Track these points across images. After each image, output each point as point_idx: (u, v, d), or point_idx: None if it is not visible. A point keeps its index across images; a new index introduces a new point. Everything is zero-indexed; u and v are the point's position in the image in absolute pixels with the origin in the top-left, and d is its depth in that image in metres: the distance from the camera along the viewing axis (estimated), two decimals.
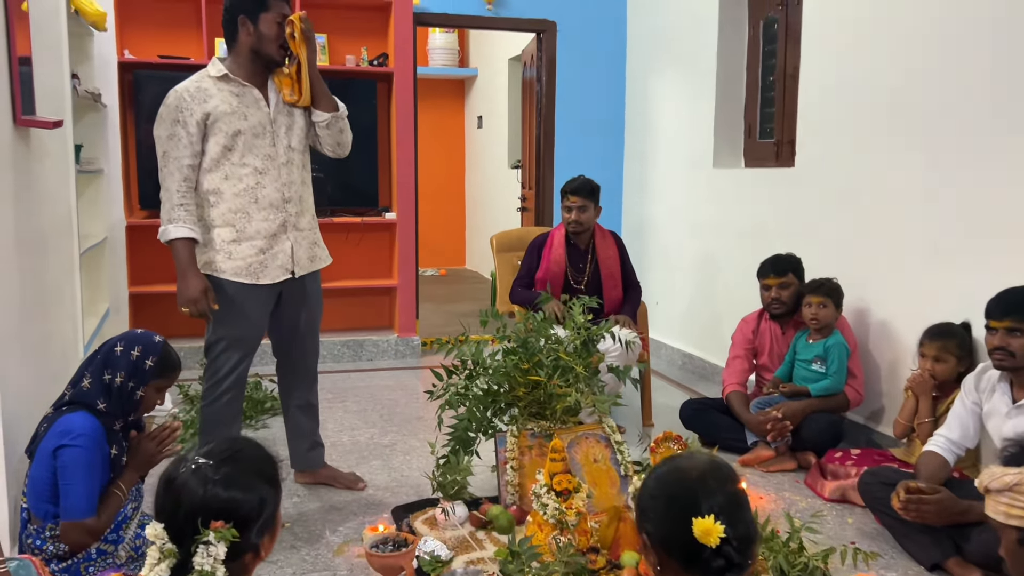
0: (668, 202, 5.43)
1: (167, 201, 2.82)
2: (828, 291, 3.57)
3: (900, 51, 3.54)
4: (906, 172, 3.51)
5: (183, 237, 2.81)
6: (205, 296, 2.83)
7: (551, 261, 4.04)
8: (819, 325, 3.57)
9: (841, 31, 3.88)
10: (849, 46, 3.84)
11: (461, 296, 8.08)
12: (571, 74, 5.89)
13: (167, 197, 2.82)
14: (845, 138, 3.87)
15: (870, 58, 3.71)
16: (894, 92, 3.57)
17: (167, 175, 2.82)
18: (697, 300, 5.12)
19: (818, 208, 4.05)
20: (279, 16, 2.89)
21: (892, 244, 3.61)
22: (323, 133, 3.07)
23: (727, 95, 4.89)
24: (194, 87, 2.85)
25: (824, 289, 3.57)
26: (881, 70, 3.63)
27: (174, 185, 2.81)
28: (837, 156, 3.92)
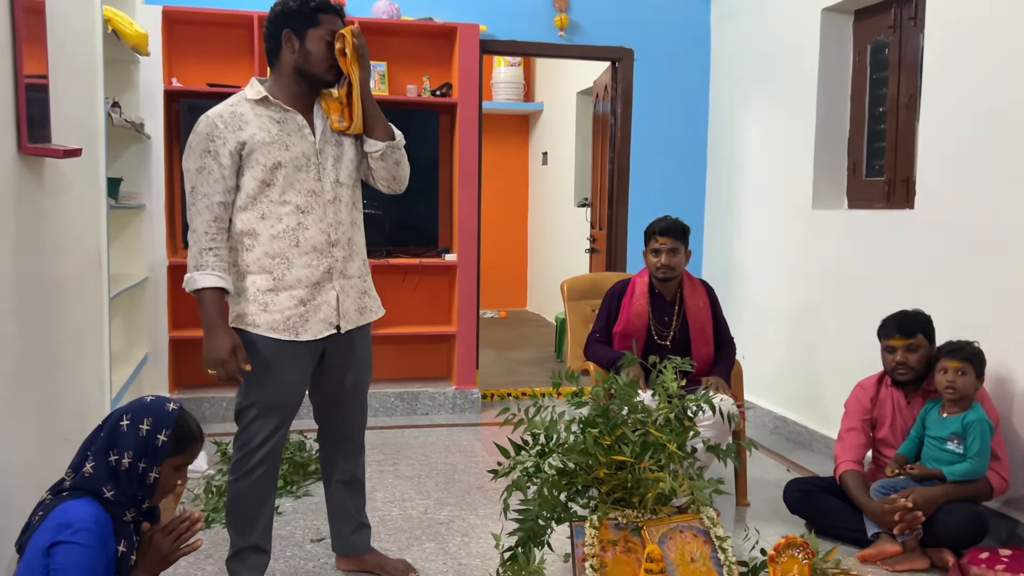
0: (759, 245, 4.89)
1: (195, 244, 2.43)
2: (968, 356, 3.00)
3: None
4: None
5: (211, 287, 2.41)
6: (234, 356, 2.41)
7: (632, 313, 3.54)
8: (956, 396, 3.00)
9: (970, 55, 3.35)
10: (980, 72, 3.30)
11: (523, 342, 7.60)
12: (648, 105, 5.42)
13: (195, 239, 2.43)
14: (979, 176, 3.31)
15: (1007, 84, 3.16)
16: None
17: (195, 214, 2.43)
18: (793, 356, 4.55)
19: (945, 257, 3.49)
20: (328, 32, 2.49)
21: None
22: (377, 165, 2.64)
23: (829, 128, 4.37)
24: (228, 112, 2.45)
25: (964, 354, 3.00)
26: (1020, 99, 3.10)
27: (203, 226, 2.42)
28: (969, 197, 3.37)
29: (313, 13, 2.48)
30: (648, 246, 3.55)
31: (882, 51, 4.16)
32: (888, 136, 4.08)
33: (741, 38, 5.11)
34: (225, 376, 2.43)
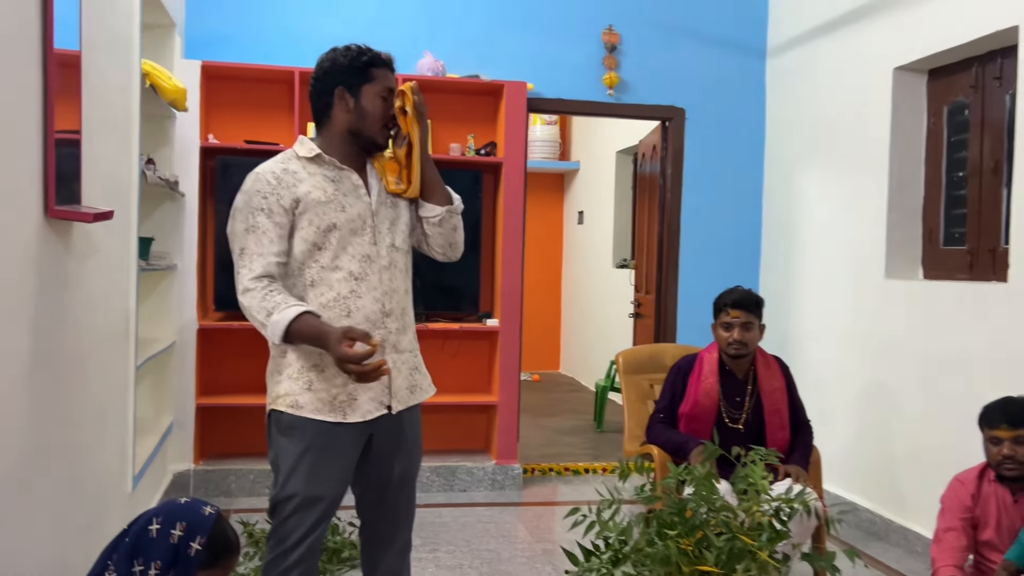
0: (823, 316, 4.59)
1: (252, 301, 2.09)
2: None
3: None
4: None
5: (297, 316, 2.06)
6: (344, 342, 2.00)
7: (700, 392, 3.24)
8: None
9: None
10: None
11: (559, 407, 7.28)
12: (699, 167, 5.19)
13: (251, 297, 2.10)
14: None
15: None
16: None
17: (245, 276, 2.12)
18: (864, 438, 4.21)
19: None
20: (384, 88, 2.26)
21: None
22: (433, 231, 2.40)
23: (902, 193, 4.09)
24: (279, 168, 2.21)
25: None
26: None
27: (253, 282, 2.11)
28: None
29: (366, 68, 2.26)
30: (718, 319, 3.27)
31: (961, 112, 3.90)
32: (970, 203, 3.80)
33: (799, 98, 4.88)
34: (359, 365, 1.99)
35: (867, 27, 4.24)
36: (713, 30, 5.16)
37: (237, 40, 4.67)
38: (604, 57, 5.03)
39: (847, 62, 4.41)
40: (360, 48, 2.26)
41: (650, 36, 5.10)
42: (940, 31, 3.75)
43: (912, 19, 3.92)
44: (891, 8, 4.05)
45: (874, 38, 4.18)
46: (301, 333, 2.08)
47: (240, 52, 4.63)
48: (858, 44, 4.31)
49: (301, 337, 2.08)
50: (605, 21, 5.04)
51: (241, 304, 2.14)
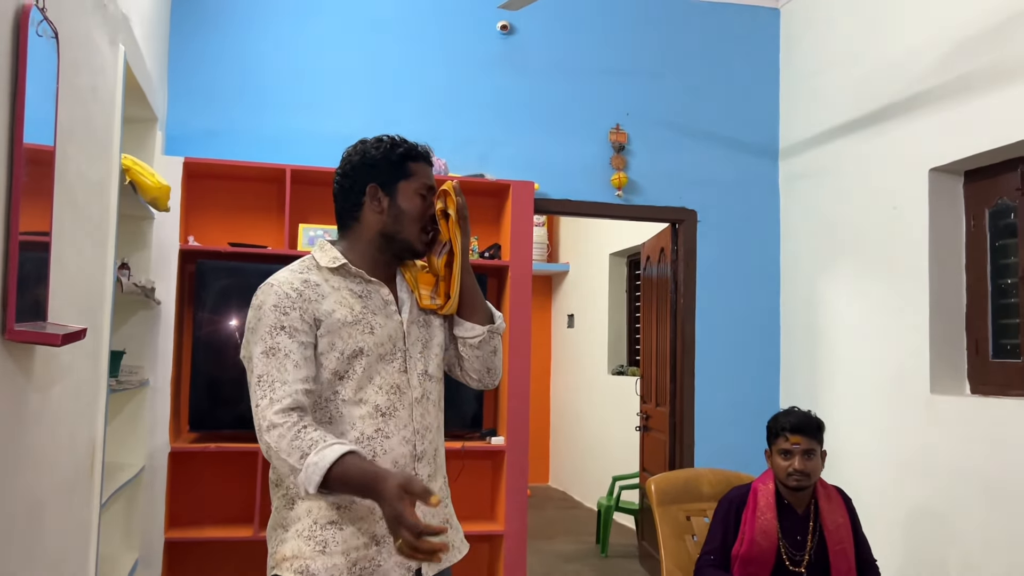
0: (859, 433, 4.22)
1: (280, 441, 1.66)
2: None
3: None
4: None
5: (340, 456, 1.62)
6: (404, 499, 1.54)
7: (757, 531, 2.83)
8: None
9: None
10: None
11: (555, 527, 6.76)
12: (710, 271, 4.91)
13: (276, 436, 1.67)
14: None
15: None
16: None
17: (268, 408, 1.70)
18: (915, 570, 3.79)
19: None
20: (423, 186, 1.92)
21: None
22: (470, 354, 2.02)
23: (943, 301, 3.81)
24: (299, 280, 1.83)
25: None
26: None
27: (281, 417, 1.69)
28: None
29: (402, 162, 1.92)
30: (775, 445, 2.89)
31: (1006, 215, 3.66)
32: (1021, 312, 3.51)
33: (818, 199, 4.65)
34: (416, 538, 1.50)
35: (896, 127, 4.03)
36: (722, 131, 4.97)
37: (222, 136, 4.36)
38: (612, 157, 4.79)
39: (874, 163, 4.19)
40: (394, 139, 1.92)
41: (658, 136, 4.88)
42: (978, 131, 3.54)
43: (946, 118, 3.72)
44: (923, 107, 3.86)
45: (905, 138, 3.97)
46: (346, 478, 1.62)
47: (225, 149, 4.32)
48: (887, 144, 4.10)
49: (345, 484, 1.63)
50: (612, 120, 4.82)
51: (264, 443, 1.71)
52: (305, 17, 4.52)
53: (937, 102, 3.78)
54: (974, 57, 3.58)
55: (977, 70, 3.55)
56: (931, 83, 3.81)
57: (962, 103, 3.63)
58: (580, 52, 4.82)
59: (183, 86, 4.33)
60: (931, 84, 3.81)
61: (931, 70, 3.82)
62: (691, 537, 3.27)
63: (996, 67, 3.46)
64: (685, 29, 4.96)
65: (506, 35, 4.73)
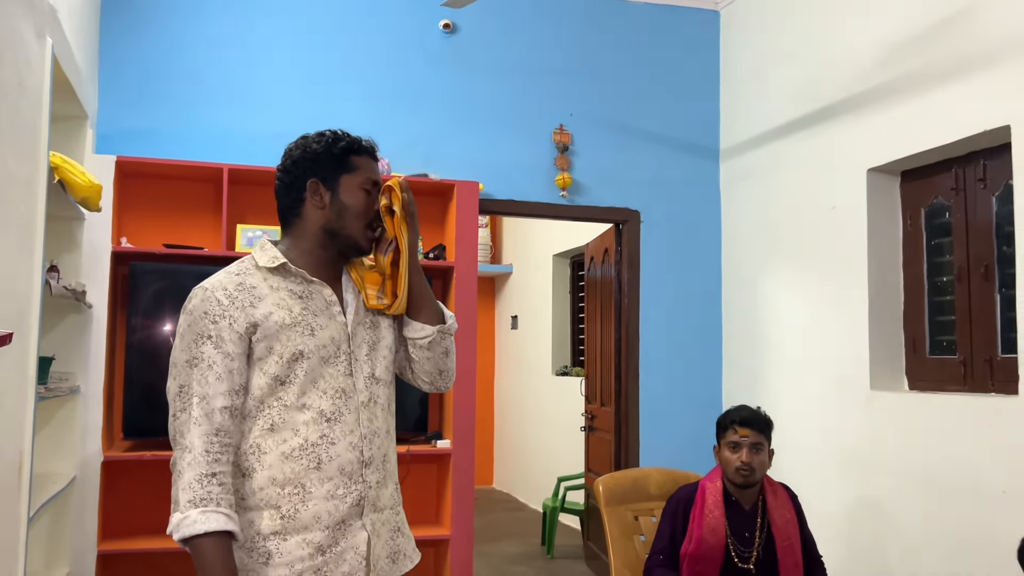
0: (800, 430, 4.27)
1: (188, 468, 1.65)
2: None
3: None
4: None
5: (217, 531, 1.62)
6: None
7: (705, 529, 2.84)
8: None
9: None
10: None
11: (501, 530, 6.73)
12: (654, 271, 4.93)
13: (189, 461, 1.65)
14: None
15: None
16: None
17: (188, 424, 1.68)
18: (858, 567, 3.84)
19: None
20: (367, 180, 1.87)
21: None
22: (421, 355, 1.98)
23: (882, 300, 3.88)
24: (234, 284, 1.77)
25: None
26: None
27: (199, 441, 1.66)
28: None
29: (345, 156, 1.86)
30: (724, 439, 2.90)
31: (941, 214, 3.75)
32: (958, 309, 3.60)
33: (758, 200, 4.70)
34: None
35: (835, 128, 4.10)
36: (665, 131, 5.00)
37: (156, 135, 4.22)
38: (556, 158, 4.78)
39: (814, 163, 4.26)
40: (337, 133, 1.87)
41: (601, 136, 4.89)
42: (915, 132, 3.62)
43: (884, 120, 3.79)
44: (861, 109, 3.93)
45: (844, 139, 4.04)
46: (206, 554, 1.61)
47: (159, 147, 4.18)
48: (825, 145, 4.17)
49: (203, 558, 1.61)
50: (556, 121, 4.81)
51: (173, 459, 1.69)
52: (242, 12, 4.40)
53: (875, 103, 3.85)
54: (910, 59, 3.65)
55: (913, 72, 3.63)
56: (869, 85, 3.89)
57: (899, 104, 3.71)
58: (523, 52, 4.80)
59: (114, 82, 4.19)
60: (869, 86, 3.89)
61: (869, 72, 3.89)
62: (639, 537, 3.27)
63: (931, 69, 3.54)
64: (627, 30, 4.97)
65: (449, 34, 4.68)
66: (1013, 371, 3.17)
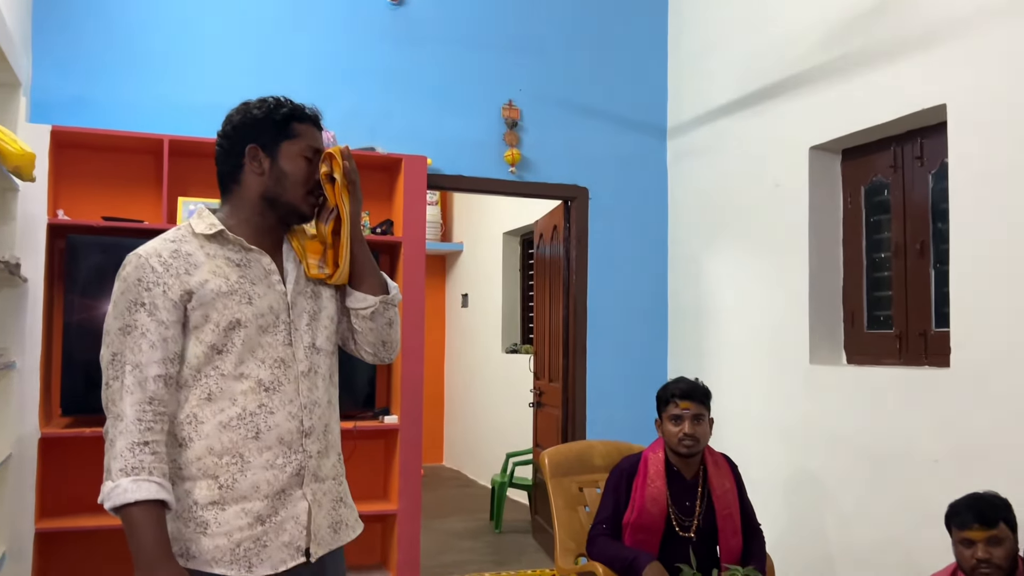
0: (742, 403, 4.35)
1: (121, 436, 1.63)
2: None
3: None
4: None
5: (149, 500, 1.61)
6: None
7: (647, 498, 2.88)
8: None
9: (1008, 196, 2.99)
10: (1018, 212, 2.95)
11: (450, 506, 6.75)
12: (603, 249, 4.96)
13: (121, 430, 1.64)
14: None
15: None
16: None
17: (121, 393, 1.66)
18: (796, 535, 3.95)
19: (996, 425, 3.02)
20: (308, 148, 1.85)
21: None
22: (364, 326, 1.96)
23: (822, 275, 3.96)
24: (169, 250, 1.74)
25: None
26: None
27: (132, 409, 1.65)
28: (1019, 355, 2.94)
29: (286, 122, 1.84)
30: (665, 412, 2.95)
31: (879, 192, 3.83)
32: (895, 285, 3.69)
33: (703, 178, 4.76)
34: None
35: (778, 106, 4.16)
36: (614, 109, 5.01)
37: (94, 104, 4.12)
38: (505, 133, 4.77)
39: (757, 141, 4.32)
40: (279, 99, 1.85)
41: (550, 113, 4.89)
42: (855, 110, 3.69)
43: (825, 98, 3.85)
44: (803, 87, 3.99)
45: (786, 117, 4.09)
46: (138, 524, 1.60)
47: (97, 117, 4.08)
48: (769, 123, 4.22)
49: (136, 529, 1.61)
50: (504, 96, 4.80)
51: (106, 427, 1.68)
52: None
53: (817, 82, 3.91)
54: (851, 38, 3.71)
55: (854, 51, 3.69)
56: (811, 63, 3.94)
57: (840, 83, 3.77)
58: (472, 26, 4.77)
59: (49, 49, 4.06)
60: (811, 64, 3.94)
61: (811, 51, 3.95)
62: (584, 508, 3.31)
63: (871, 48, 3.60)
64: (577, 7, 4.97)
65: (396, 6, 4.63)
66: (946, 344, 3.26)
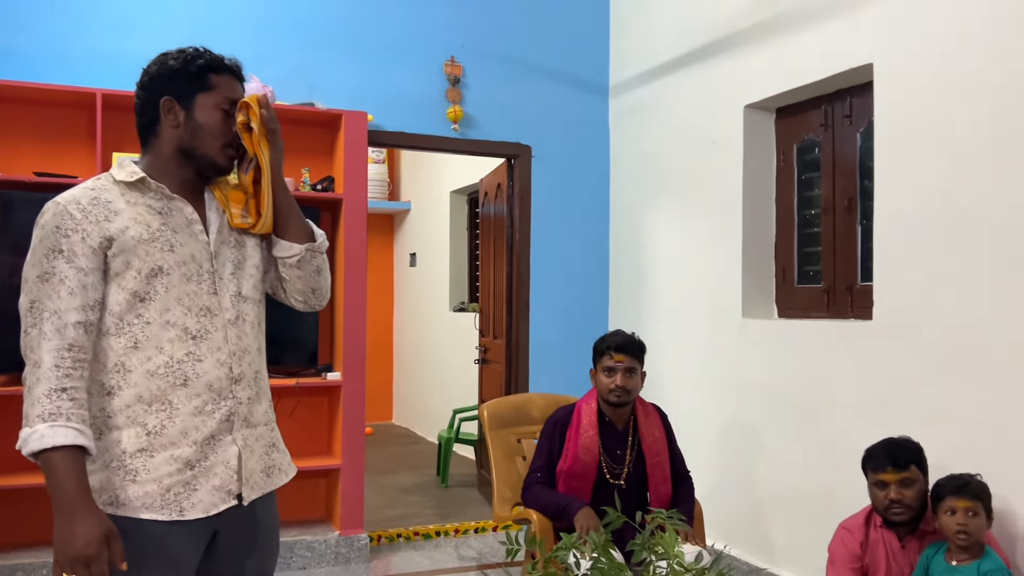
0: (679, 357, 4.47)
1: (39, 383, 1.64)
2: (977, 493, 2.61)
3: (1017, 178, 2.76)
4: None
5: (66, 445, 1.61)
6: (105, 547, 1.61)
7: (580, 447, 2.97)
8: (969, 541, 2.58)
9: (929, 154, 3.10)
10: (939, 171, 3.05)
11: (397, 462, 6.82)
12: (546, 207, 5.01)
13: (38, 376, 1.64)
14: (949, 283, 3.01)
15: (969, 185, 2.91)
16: (1015, 229, 2.77)
17: (39, 339, 1.65)
18: (730, 482, 4.09)
19: (913, 374, 3.15)
20: (225, 99, 1.84)
21: None
22: (291, 274, 1.99)
23: (755, 232, 4.06)
24: (88, 198, 1.74)
25: (972, 490, 2.61)
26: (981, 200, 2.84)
27: (49, 356, 1.64)
28: (938, 306, 3.06)
29: (202, 73, 1.84)
30: (599, 364, 3.02)
31: (811, 150, 3.93)
32: (824, 240, 3.80)
33: (644, 136, 4.81)
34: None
35: (715, 65, 4.21)
36: (556, 66, 5.03)
37: (22, 56, 4.01)
38: (447, 90, 4.76)
39: (695, 100, 4.37)
40: (197, 50, 1.84)
41: (494, 70, 4.88)
42: (788, 69, 3.76)
43: (760, 57, 3.92)
44: (739, 46, 4.05)
45: (723, 76, 4.15)
46: (57, 469, 1.61)
47: (26, 70, 3.97)
48: (706, 82, 4.28)
49: (54, 474, 1.61)
50: (447, 52, 4.78)
51: (25, 374, 1.67)
52: None
53: (752, 41, 3.97)
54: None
55: (787, 11, 3.75)
56: (747, 22, 3.99)
57: (774, 42, 3.83)
58: None
59: None
60: (747, 23, 3.99)
61: (747, 9, 4.00)
62: (521, 459, 3.39)
63: (803, 8, 3.66)
64: None
65: None
66: (869, 298, 3.38)
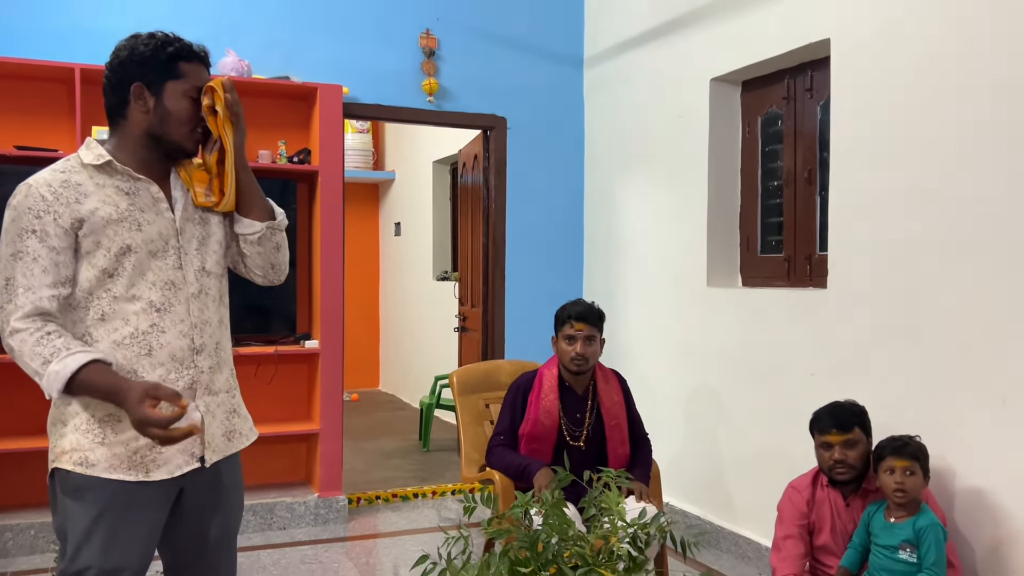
0: (647, 324, 4.60)
1: (23, 344, 1.75)
2: (915, 453, 2.75)
3: (966, 153, 2.87)
4: (975, 298, 2.79)
5: (83, 365, 1.72)
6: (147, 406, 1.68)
7: (541, 411, 3.10)
8: (906, 499, 2.72)
9: (882, 127, 3.21)
10: (894, 145, 3.16)
11: (382, 428, 6.98)
12: (522, 177, 5.10)
13: (19, 341, 1.75)
14: (900, 254, 3.14)
15: (921, 160, 3.03)
16: (962, 203, 2.89)
17: (12, 312, 1.76)
18: (693, 446, 4.24)
19: (864, 341, 3.28)
20: (193, 87, 1.93)
21: (969, 386, 2.86)
22: (252, 250, 2.09)
23: (720, 203, 4.17)
24: (59, 180, 1.84)
25: (910, 451, 2.75)
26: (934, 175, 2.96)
27: (23, 322, 1.76)
28: (890, 276, 3.18)
29: (172, 61, 1.92)
30: (560, 332, 3.15)
31: (774, 123, 4.02)
32: (786, 211, 3.92)
33: (617, 108, 4.90)
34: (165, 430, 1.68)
35: (684, 39, 4.29)
36: (531, 38, 5.09)
37: (3, 32, 4.07)
38: (423, 62, 4.83)
39: (665, 73, 4.46)
40: (168, 36, 1.91)
41: (469, 42, 4.95)
42: (752, 43, 3.84)
43: (726, 31, 4.00)
44: (706, 20, 4.12)
45: (691, 49, 4.23)
46: (89, 386, 1.74)
47: (8, 46, 4.04)
48: (675, 55, 4.36)
49: (89, 390, 1.75)
50: (422, 24, 4.84)
51: (8, 347, 1.78)
52: None
53: (719, 14, 4.04)
54: None
55: None
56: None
57: (739, 16, 3.91)
58: None
59: None
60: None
61: None
62: (489, 422, 3.53)
63: None
64: None
65: None
66: (826, 267, 3.50)
